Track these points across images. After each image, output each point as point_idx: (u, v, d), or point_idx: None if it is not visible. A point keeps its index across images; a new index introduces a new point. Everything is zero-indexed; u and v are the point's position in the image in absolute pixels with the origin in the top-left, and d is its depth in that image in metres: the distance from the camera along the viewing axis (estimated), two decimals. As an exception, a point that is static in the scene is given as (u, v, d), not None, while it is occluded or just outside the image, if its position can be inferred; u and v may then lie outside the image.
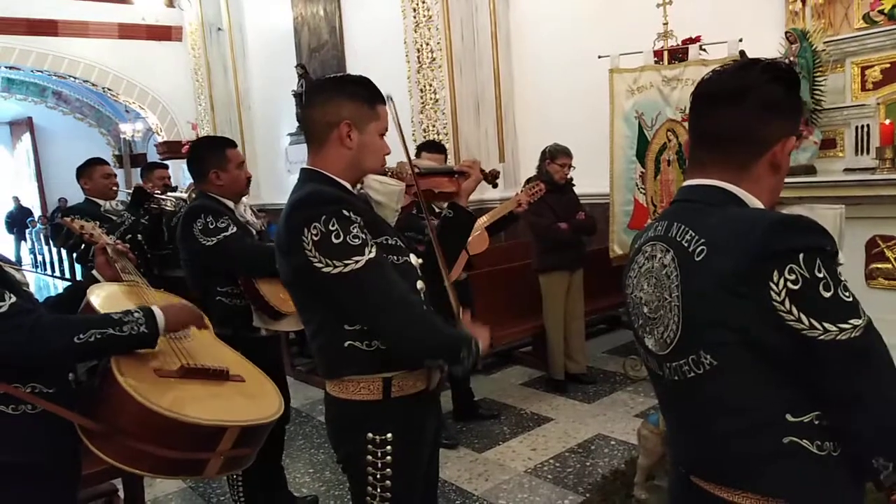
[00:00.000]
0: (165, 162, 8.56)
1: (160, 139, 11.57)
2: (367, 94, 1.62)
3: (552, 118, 6.14)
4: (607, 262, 4.83)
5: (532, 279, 4.51)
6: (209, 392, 1.70)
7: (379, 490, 1.60)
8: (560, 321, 4.48)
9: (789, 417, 1.01)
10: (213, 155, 2.60)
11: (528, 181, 4.23)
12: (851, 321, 0.95)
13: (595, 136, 5.05)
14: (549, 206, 4.26)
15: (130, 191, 4.21)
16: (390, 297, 1.50)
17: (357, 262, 1.46)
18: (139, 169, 5.45)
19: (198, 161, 2.63)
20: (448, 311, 1.66)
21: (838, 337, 0.94)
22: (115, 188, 4.17)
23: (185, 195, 4.03)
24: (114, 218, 3.93)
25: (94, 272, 2.17)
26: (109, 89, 11.03)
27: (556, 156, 4.38)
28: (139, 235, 3.80)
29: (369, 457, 1.59)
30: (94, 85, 11.02)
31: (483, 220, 3.77)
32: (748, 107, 1.08)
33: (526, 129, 6.71)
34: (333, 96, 1.60)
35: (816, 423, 1.01)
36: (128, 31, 10.84)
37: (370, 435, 1.58)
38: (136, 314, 1.66)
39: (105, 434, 1.53)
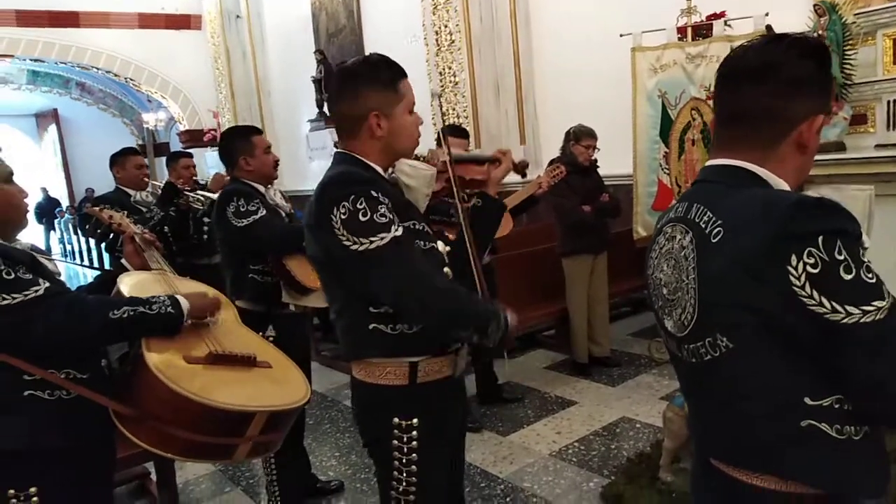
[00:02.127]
0: (189, 151, 8.63)
1: (182, 128, 11.68)
2: (387, 75, 1.60)
3: (573, 99, 6.06)
4: (631, 243, 4.78)
5: (555, 262, 4.49)
6: (237, 378, 1.73)
7: (405, 474, 1.61)
8: (584, 304, 4.46)
9: (808, 401, 1.00)
10: (240, 142, 2.72)
11: (552, 163, 4.20)
12: (875, 303, 0.92)
13: (618, 116, 4.98)
14: (573, 189, 4.21)
15: (157, 183, 4.29)
16: (414, 273, 1.50)
17: (382, 238, 1.46)
18: (164, 158, 5.53)
19: (227, 150, 2.76)
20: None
21: (861, 319, 0.91)
22: (146, 179, 4.27)
23: (214, 195, 4.09)
24: (143, 209, 4.00)
25: (122, 261, 2.22)
26: (131, 79, 11.16)
27: (580, 137, 4.32)
28: (165, 228, 3.88)
29: (395, 441, 1.60)
30: (116, 75, 11.17)
31: (506, 203, 3.75)
32: (773, 84, 1.05)
33: (547, 110, 6.64)
34: (356, 87, 1.59)
35: (836, 406, 1.00)
36: (148, 21, 10.93)
37: (396, 420, 1.59)
38: (161, 297, 1.74)
39: (137, 418, 1.57)
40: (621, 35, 4.80)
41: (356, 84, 1.59)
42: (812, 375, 0.99)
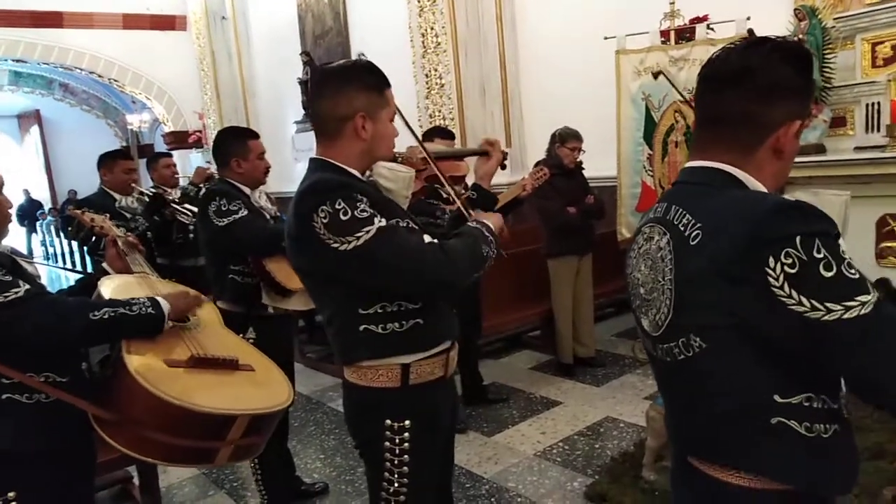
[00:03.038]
0: (170, 151, 8.57)
1: (167, 129, 11.59)
2: (375, 80, 1.61)
3: (559, 101, 6.09)
4: (616, 245, 4.81)
5: (540, 264, 4.51)
6: (219, 381, 1.72)
7: (396, 475, 1.62)
8: (568, 305, 4.48)
9: (777, 398, 1.01)
10: (235, 143, 2.72)
11: (537, 164, 4.22)
12: (858, 298, 0.91)
13: (602, 118, 5.01)
14: (558, 191, 4.23)
15: (143, 189, 4.26)
16: (407, 252, 1.49)
17: (368, 231, 1.46)
18: (145, 160, 5.49)
19: (222, 148, 2.75)
20: None
21: (844, 315, 0.91)
22: (133, 184, 4.20)
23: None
24: (127, 215, 3.97)
25: (104, 264, 2.20)
26: (115, 80, 11.04)
27: (566, 139, 4.34)
28: (148, 233, 3.87)
29: (387, 443, 1.60)
30: (99, 76, 11.05)
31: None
32: (752, 89, 1.06)
33: (532, 112, 6.67)
34: (344, 87, 1.58)
35: (806, 404, 1.01)
36: (132, 22, 10.82)
37: (388, 422, 1.59)
38: (141, 299, 1.73)
39: (116, 423, 1.56)
40: (605, 38, 4.84)
41: (344, 85, 1.59)
42: (782, 374, 1.01)
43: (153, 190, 4.34)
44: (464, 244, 1.60)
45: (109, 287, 1.97)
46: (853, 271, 0.93)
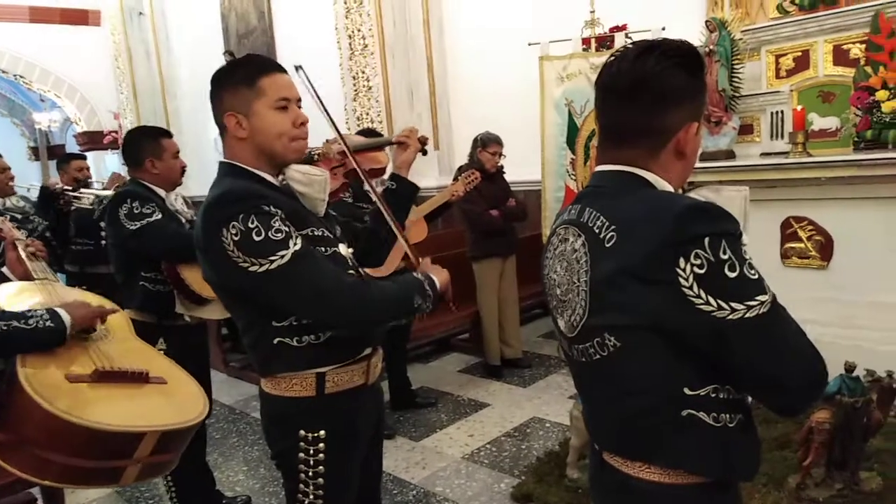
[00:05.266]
0: (84, 153, 8.14)
1: (79, 129, 11.01)
2: (242, 74, 1.53)
3: (486, 105, 6.16)
4: (541, 247, 4.87)
5: (466, 267, 4.53)
6: (126, 396, 1.64)
7: (311, 488, 1.57)
8: (494, 307, 4.53)
9: (687, 391, 1.05)
10: (148, 143, 2.61)
11: (461, 169, 4.25)
12: (758, 297, 0.96)
13: (527, 123, 5.10)
14: (481, 194, 4.29)
15: (25, 186, 4.02)
16: (324, 286, 1.45)
17: (283, 256, 1.40)
18: (55, 161, 5.18)
19: (133, 149, 2.64)
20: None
21: (746, 315, 0.96)
22: (11, 183, 3.91)
23: (105, 192, 3.87)
24: (18, 217, 3.72)
25: (3, 269, 2.07)
26: (21, 76, 10.40)
27: (487, 144, 4.41)
28: (48, 234, 3.66)
29: (301, 454, 1.56)
30: (3, 72, 10.37)
31: (421, 209, 3.76)
32: (646, 99, 1.08)
33: (460, 116, 6.71)
34: (215, 93, 1.55)
35: (713, 396, 1.05)
36: (40, 15, 10.21)
37: (303, 432, 1.55)
38: (38, 311, 1.62)
39: (9, 443, 1.45)
40: (529, 44, 4.92)
41: (215, 90, 1.56)
42: (692, 367, 1.04)
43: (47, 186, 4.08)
44: (395, 291, 1.56)
45: (5, 295, 1.85)
46: (753, 272, 0.98)
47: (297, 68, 1.66)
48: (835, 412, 2.43)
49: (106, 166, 9.56)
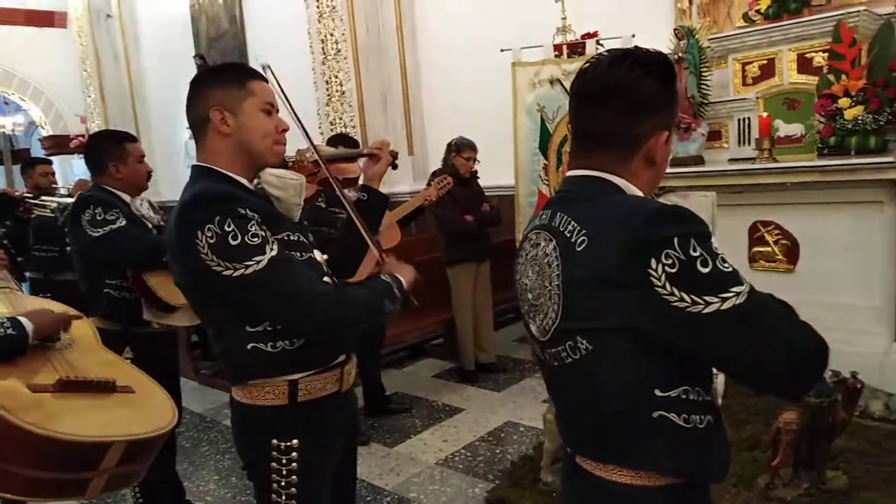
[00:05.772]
0: (49, 158, 7.96)
1: (45, 133, 10.76)
2: (234, 75, 1.54)
3: (459, 111, 6.17)
4: (514, 252, 4.90)
5: (440, 272, 4.54)
6: (92, 406, 1.59)
7: (284, 497, 1.55)
8: (469, 312, 4.54)
9: (657, 393, 1.06)
10: (112, 147, 2.56)
11: (434, 174, 4.25)
12: (733, 289, 0.98)
13: (500, 128, 5.13)
14: (455, 199, 4.30)
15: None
16: (298, 292, 1.44)
17: (259, 261, 1.39)
18: (20, 166, 5.05)
19: (96, 154, 2.59)
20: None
21: (721, 307, 0.97)
22: None
23: (68, 199, 3.79)
24: None
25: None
26: (-16, 79, 10.15)
27: (461, 149, 4.43)
28: (5, 241, 3.57)
29: (274, 464, 1.53)
30: (-35, 74, 10.12)
31: (394, 214, 3.75)
32: (618, 107, 1.10)
33: (433, 121, 6.72)
34: (201, 89, 1.54)
35: (684, 397, 1.06)
36: (3, 16, 9.96)
37: (275, 441, 1.53)
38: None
39: (-32, 457, 1.40)
40: (502, 50, 4.95)
41: (201, 85, 1.54)
42: (662, 369, 1.05)
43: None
44: (365, 296, 1.57)
45: (-35, 305, 1.79)
46: (727, 265, 0.99)
47: (265, 67, 1.65)
48: (802, 413, 2.48)
49: (72, 171, 9.35)
